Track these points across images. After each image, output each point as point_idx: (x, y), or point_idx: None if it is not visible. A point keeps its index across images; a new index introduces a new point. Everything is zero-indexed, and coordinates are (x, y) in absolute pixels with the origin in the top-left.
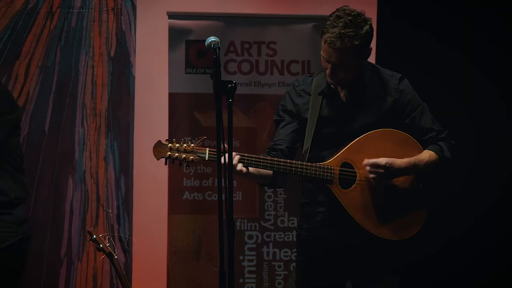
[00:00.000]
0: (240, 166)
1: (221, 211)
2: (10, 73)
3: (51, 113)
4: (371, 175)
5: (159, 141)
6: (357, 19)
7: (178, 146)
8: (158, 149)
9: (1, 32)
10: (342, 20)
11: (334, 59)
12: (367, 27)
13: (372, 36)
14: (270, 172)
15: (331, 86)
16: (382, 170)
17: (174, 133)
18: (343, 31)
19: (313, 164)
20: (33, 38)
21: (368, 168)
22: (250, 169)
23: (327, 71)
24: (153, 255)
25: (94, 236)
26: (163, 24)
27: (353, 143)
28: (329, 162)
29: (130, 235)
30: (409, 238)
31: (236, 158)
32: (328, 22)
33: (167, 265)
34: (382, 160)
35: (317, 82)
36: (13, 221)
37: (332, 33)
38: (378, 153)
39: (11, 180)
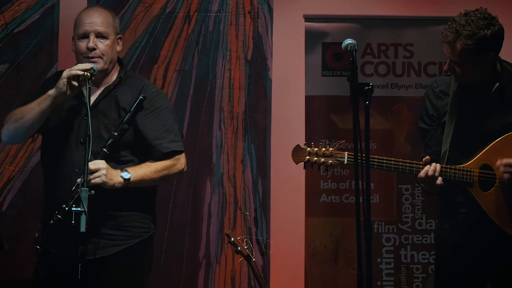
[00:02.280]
0: (440, 180)
1: (358, 214)
2: (149, 77)
3: (189, 116)
4: (506, 175)
5: (298, 145)
6: (480, 22)
7: (316, 150)
8: (297, 153)
9: (139, 36)
10: (465, 18)
11: (448, 54)
12: (488, 31)
13: (494, 41)
14: None
15: (469, 86)
16: None
17: (310, 135)
18: (459, 28)
19: (453, 166)
20: (171, 42)
21: (502, 168)
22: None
23: (445, 65)
24: (290, 258)
25: (232, 239)
26: (299, 27)
27: (492, 145)
28: (468, 164)
29: (268, 237)
30: None
31: (438, 169)
32: (454, 18)
33: (305, 267)
34: None
35: (456, 82)
36: (147, 217)
37: (450, 27)
38: None
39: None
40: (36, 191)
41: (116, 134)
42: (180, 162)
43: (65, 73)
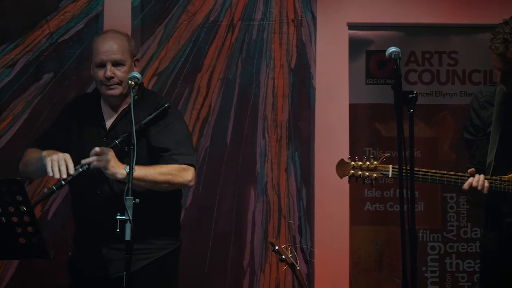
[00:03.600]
0: (487, 189)
1: (403, 222)
2: (192, 85)
3: (232, 124)
4: None
5: (342, 159)
6: None
7: (360, 164)
8: (341, 167)
9: (183, 45)
10: (509, 26)
11: (500, 65)
12: None
13: None
14: None
15: None
16: None
17: (354, 143)
18: (507, 36)
19: (498, 177)
20: (214, 51)
21: None
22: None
23: (497, 78)
24: (335, 266)
25: (277, 247)
26: (343, 35)
27: None
28: None
29: (312, 246)
30: None
31: (481, 180)
32: (496, 29)
33: (349, 276)
34: None
35: (501, 92)
36: (173, 230)
37: (496, 39)
38: None
39: (178, 197)
40: None
41: (133, 129)
42: (186, 173)
43: (48, 160)
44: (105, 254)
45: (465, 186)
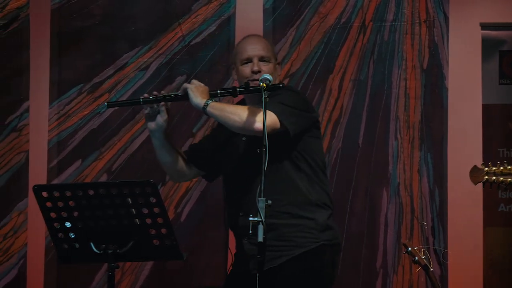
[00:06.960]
0: None
1: None
2: (324, 87)
3: (364, 126)
4: None
5: (475, 166)
6: None
7: (494, 170)
8: (475, 174)
9: (315, 46)
10: None
11: None
12: None
13: None
14: None
15: None
16: None
17: (487, 144)
18: None
19: None
20: (346, 52)
21: None
22: None
23: None
24: (469, 268)
25: (410, 249)
26: (476, 35)
27: None
28: None
29: (446, 247)
30: None
31: None
32: None
33: (483, 278)
34: None
35: None
36: (314, 227)
37: None
38: None
39: (308, 182)
40: (214, 201)
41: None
42: (260, 115)
43: None
44: (246, 249)
45: None
